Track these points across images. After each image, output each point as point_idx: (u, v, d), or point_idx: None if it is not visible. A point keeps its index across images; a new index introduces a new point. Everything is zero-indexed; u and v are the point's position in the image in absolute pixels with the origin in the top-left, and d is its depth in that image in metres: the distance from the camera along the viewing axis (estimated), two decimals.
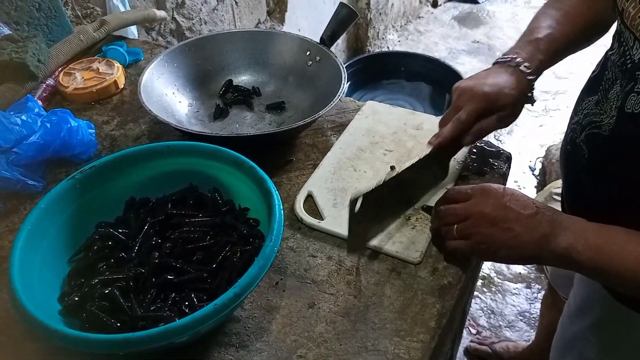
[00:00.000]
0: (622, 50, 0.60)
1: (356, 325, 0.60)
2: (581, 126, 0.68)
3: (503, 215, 0.59)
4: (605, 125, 0.62)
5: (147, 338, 0.47)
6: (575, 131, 0.69)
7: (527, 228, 0.57)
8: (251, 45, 0.99)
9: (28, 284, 0.54)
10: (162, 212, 0.66)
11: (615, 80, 0.62)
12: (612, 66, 0.63)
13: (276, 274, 0.66)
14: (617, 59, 0.61)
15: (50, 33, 1.03)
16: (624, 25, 0.58)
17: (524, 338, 1.65)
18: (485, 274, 1.85)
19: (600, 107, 0.64)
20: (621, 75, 0.60)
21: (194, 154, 0.69)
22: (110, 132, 0.91)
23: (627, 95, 0.57)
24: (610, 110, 0.62)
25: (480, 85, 0.68)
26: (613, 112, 0.61)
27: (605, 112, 0.63)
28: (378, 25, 2.92)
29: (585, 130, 0.67)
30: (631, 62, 0.58)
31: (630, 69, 0.58)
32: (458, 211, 0.62)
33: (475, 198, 0.62)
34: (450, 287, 0.64)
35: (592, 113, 0.66)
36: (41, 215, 0.60)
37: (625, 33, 0.59)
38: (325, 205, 0.74)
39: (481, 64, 3.03)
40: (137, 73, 1.04)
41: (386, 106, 0.94)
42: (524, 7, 3.62)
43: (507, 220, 0.58)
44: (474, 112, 0.67)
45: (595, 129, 0.64)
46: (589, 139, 0.66)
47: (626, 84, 0.58)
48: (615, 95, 0.61)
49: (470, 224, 0.61)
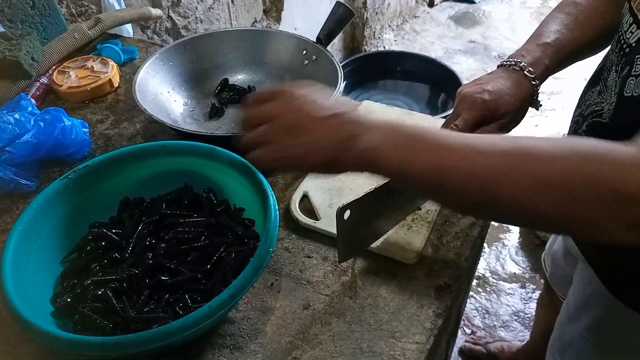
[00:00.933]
0: (617, 37, 0.60)
1: (351, 326, 0.60)
2: (583, 117, 0.68)
3: (296, 119, 0.53)
4: (605, 113, 0.61)
5: (141, 340, 0.47)
6: (578, 122, 0.69)
7: (326, 132, 0.51)
8: (247, 44, 0.98)
9: (20, 285, 0.53)
10: (157, 212, 0.66)
11: (612, 66, 0.62)
12: (610, 54, 0.63)
13: (271, 274, 0.66)
14: (614, 44, 0.61)
15: (45, 31, 1.02)
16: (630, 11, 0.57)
17: (519, 338, 1.66)
18: (480, 273, 1.86)
19: (601, 96, 0.64)
20: (616, 60, 0.60)
21: (189, 154, 0.69)
22: (105, 131, 0.90)
23: (624, 80, 0.57)
24: (610, 97, 0.61)
25: (481, 92, 0.67)
26: (612, 99, 0.60)
27: (605, 100, 0.62)
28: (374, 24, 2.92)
29: (587, 120, 0.66)
30: (628, 46, 0.57)
31: (627, 53, 0.57)
32: (261, 112, 0.56)
33: (277, 100, 0.55)
34: (446, 288, 0.64)
35: (594, 103, 0.66)
36: (34, 215, 0.60)
37: (624, 17, 0.58)
38: (320, 205, 0.73)
39: (477, 63, 3.04)
40: (132, 72, 1.03)
41: (382, 106, 0.94)
42: (519, 7, 3.63)
43: (301, 125, 0.52)
44: (472, 120, 0.66)
45: (596, 117, 0.64)
46: (590, 128, 0.65)
47: (622, 69, 0.58)
48: (613, 82, 0.60)
49: (266, 129, 0.55)
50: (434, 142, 0.47)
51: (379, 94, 2.57)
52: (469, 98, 0.67)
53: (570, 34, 0.71)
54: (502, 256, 1.93)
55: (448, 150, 0.46)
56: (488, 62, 3.06)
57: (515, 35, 3.27)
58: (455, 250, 0.69)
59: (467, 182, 0.45)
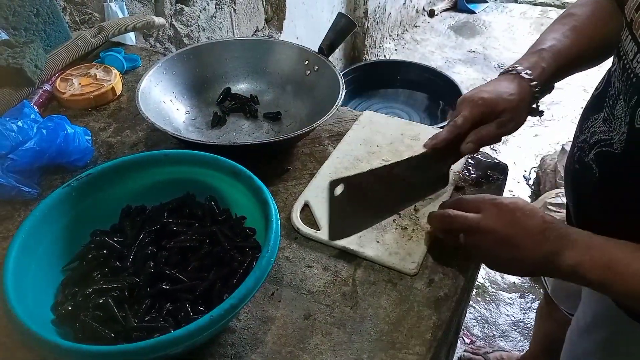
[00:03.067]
0: (622, 64, 0.60)
1: (352, 336, 0.60)
2: (589, 145, 0.67)
3: (512, 233, 0.58)
4: (616, 143, 0.61)
5: (142, 350, 0.47)
6: (584, 150, 0.69)
7: (534, 245, 0.57)
8: (250, 54, 0.99)
9: (21, 293, 0.53)
10: (158, 221, 0.66)
11: (619, 95, 0.62)
12: (615, 81, 0.63)
13: (272, 284, 0.66)
14: (620, 73, 0.61)
15: (48, 39, 1.03)
16: (631, 36, 0.58)
17: (518, 348, 1.65)
18: (479, 283, 1.85)
19: (608, 124, 0.64)
20: (624, 89, 0.60)
21: (191, 163, 0.69)
22: (107, 139, 0.91)
23: (634, 110, 0.57)
24: (619, 127, 0.61)
25: (479, 92, 0.70)
26: (623, 129, 0.60)
27: (614, 130, 0.62)
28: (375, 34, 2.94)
29: (594, 149, 0.66)
30: (635, 76, 0.57)
31: (635, 83, 0.57)
32: (468, 222, 0.61)
33: (486, 212, 0.61)
34: (446, 299, 0.64)
35: (600, 131, 0.66)
36: (36, 223, 0.60)
37: (627, 45, 0.59)
38: (322, 215, 0.74)
39: (477, 73, 3.06)
40: (134, 80, 1.04)
41: (383, 116, 0.94)
42: (519, 17, 3.66)
43: (515, 237, 0.58)
44: (470, 117, 0.68)
45: (605, 147, 0.64)
46: (599, 157, 0.65)
47: (630, 98, 0.58)
48: (622, 112, 0.60)
49: (479, 238, 0.61)
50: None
51: (379, 103, 2.58)
52: (468, 99, 0.70)
53: (567, 40, 0.72)
54: None
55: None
56: (488, 71, 3.07)
57: (515, 46, 3.29)
58: (456, 261, 0.69)
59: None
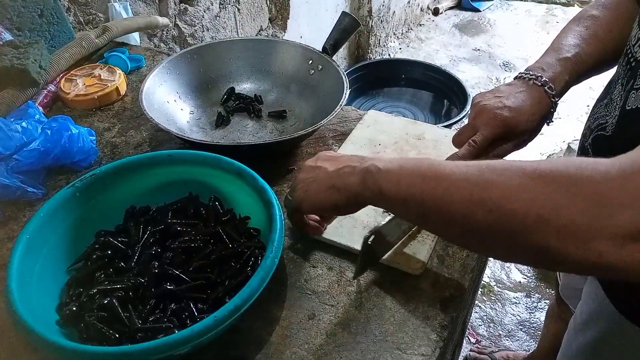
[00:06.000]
0: (625, 50, 0.60)
1: (357, 337, 0.60)
2: (590, 130, 0.67)
3: (325, 157, 0.60)
4: (609, 126, 0.61)
5: (146, 350, 0.47)
6: (585, 136, 0.69)
7: (348, 160, 0.58)
8: (254, 54, 0.99)
9: (26, 294, 0.54)
10: (163, 221, 0.66)
11: (618, 79, 0.61)
12: (618, 67, 0.63)
13: (276, 284, 0.66)
14: (622, 58, 0.61)
15: (52, 39, 1.03)
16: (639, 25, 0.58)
17: (524, 347, 1.64)
18: (485, 282, 1.84)
19: (607, 109, 0.64)
20: (623, 73, 0.60)
21: (195, 163, 0.69)
22: (111, 139, 0.91)
23: (628, 93, 0.57)
24: (614, 110, 0.61)
25: (501, 108, 0.65)
26: (616, 112, 0.60)
27: (610, 114, 0.62)
28: (379, 32, 2.93)
29: (592, 134, 0.66)
30: (635, 61, 0.57)
31: (633, 67, 0.57)
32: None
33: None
34: (452, 300, 0.64)
35: (600, 116, 0.65)
36: (41, 223, 0.60)
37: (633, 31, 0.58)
38: None
39: (482, 71, 3.04)
40: (138, 80, 1.04)
41: (388, 115, 0.94)
42: (524, 15, 3.64)
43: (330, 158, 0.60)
44: (491, 137, 0.65)
45: (600, 130, 0.64)
46: (595, 141, 0.65)
47: (627, 82, 0.58)
48: (618, 95, 0.60)
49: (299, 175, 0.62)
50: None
51: (383, 102, 2.58)
52: (488, 112, 0.66)
53: (590, 48, 0.70)
54: (507, 265, 1.92)
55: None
56: (493, 70, 3.06)
57: (520, 44, 3.28)
58: (461, 261, 0.68)
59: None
